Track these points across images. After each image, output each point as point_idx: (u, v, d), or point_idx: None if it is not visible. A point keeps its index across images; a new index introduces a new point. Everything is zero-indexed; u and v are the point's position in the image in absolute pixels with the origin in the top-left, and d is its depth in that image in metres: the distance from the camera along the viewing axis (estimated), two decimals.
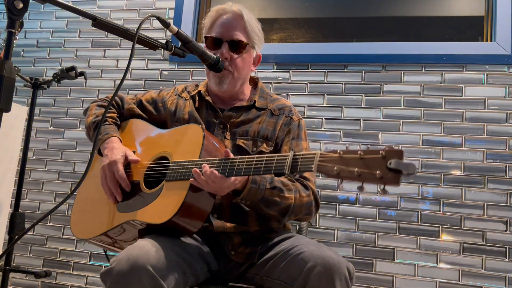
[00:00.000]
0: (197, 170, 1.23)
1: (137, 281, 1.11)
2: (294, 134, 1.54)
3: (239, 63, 1.52)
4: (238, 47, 1.51)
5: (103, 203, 1.45)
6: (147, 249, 1.17)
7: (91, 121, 1.58)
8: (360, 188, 0.99)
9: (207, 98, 1.58)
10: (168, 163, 1.35)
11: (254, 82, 1.70)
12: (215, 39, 1.52)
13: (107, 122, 1.54)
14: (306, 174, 1.47)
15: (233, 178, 1.24)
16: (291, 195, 1.39)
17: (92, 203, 1.50)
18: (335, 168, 1.02)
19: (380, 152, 0.97)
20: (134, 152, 1.49)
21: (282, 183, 1.39)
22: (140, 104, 1.65)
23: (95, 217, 1.46)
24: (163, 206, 1.28)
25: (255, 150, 1.48)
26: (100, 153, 1.51)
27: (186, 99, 1.62)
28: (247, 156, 1.23)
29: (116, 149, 1.44)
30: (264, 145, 1.50)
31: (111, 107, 1.63)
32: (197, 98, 1.60)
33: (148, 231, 1.32)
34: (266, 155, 1.20)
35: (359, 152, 1.00)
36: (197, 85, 1.69)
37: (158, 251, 1.18)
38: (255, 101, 1.57)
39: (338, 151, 1.04)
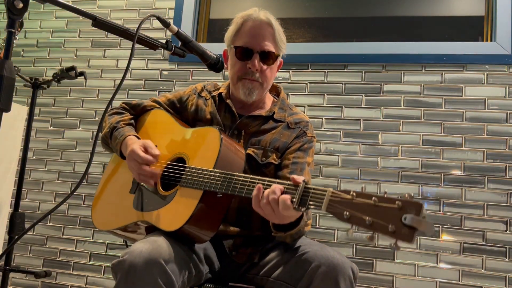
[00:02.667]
0: (261, 187, 1.14)
1: (150, 275, 1.11)
2: (303, 147, 1.50)
3: (268, 74, 1.49)
4: (269, 58, 1.47)
5: (121, 197, 1.47)
6: (159, 243, 1.17)
7: (107, 132, 1.53)
8: (371, 238, 0.93)
9: (228, 101, 1.55)
10: (185, 166, 1.34)
11: (276, 91, 1.67)
12: (245, 50, 1.46)
13: (119, 126, 1.51)
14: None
15: (295, 213, 1.14)
16: (310, 221, 1.37)
17: (111, 195, 1.53)
18: (345, 212, 0.95)
19: (397, 202, 0.90)
20: (155, 147, 1.48)
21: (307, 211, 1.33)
22: (158, 104, 1.63)
23: (112, 210, 1.49)
24: (174, 214, 1.27)
25: (264, 160, 1.46)
26: (123, 157, 1.49)
27: (206, 99, 1.59)
28: (258, 177, 1.20)
29: (133, 143, 1.41)
30: (274, 155, 1.47)
31: (124, 111, 1.61)
32: (217, 99, 1.57)
33: (156, 230, 1.32)
34: (278, 180, 1.15)
35: (373, 198, 0.93)
36: (216, 85, 1.66)
37: (169, 247, 1.18)
38: (274, 113, 1.54)
39: (351, 192, 0.97)
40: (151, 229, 1.34)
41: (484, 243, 2.17)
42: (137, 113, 1.63)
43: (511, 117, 2.25)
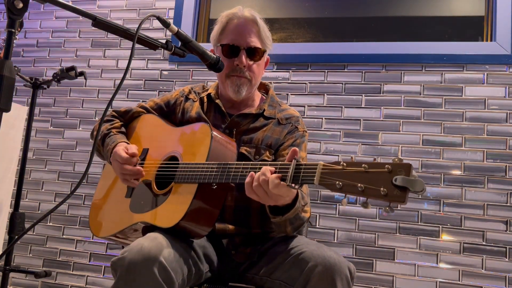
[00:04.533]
0: (253, 174, 1.15)
1: (149, 272, 1.10)
2: (295, 142, 1.50)
3: (255, 70, 1.51)
4: (256, 54, 1.50)
5: (117, 202, 1.48)
6: (159, 241, 1.17)
7: (99, 140, 1.55)
8: (365, 204, 0.93)
9: (217, 101, 1.56)
10: (178, 163, 1.35)
11: (265, 88, 1.68)
12: (231, 47, 1.48)
13: (111, 133, 1.53)
14: None
15: (288, 192, 1.14)
16: (308, 208, 1.37)
17: (107, 202, 1.54)
18: (337, 182, 0.96)
19: (386, 166, 0.90)
20: (147, 150, 1.49)
21: (303, 195, 1.34)
22: (146, 110, 1.64)
23: (110, 217, 1.49)
24: (171, 210, 1.28)
25: (257, 158, 1.46)
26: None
27: (194, 101, 1.60)
28: (250, 162, 1.21)
29: (118, 146, 1.44)
30: (267, 153, 1.48)
31: (113, 118, 1.62)
32: (205, 100, 1.58)
33: (155, 230, 1.32)
34: (269, 162, 1.16)
35: (363, 165, 0.94)
36: (204, 87, 1.67)
37: (169, 244, 1.18)
38: (264, 110, 1.55)
39: (342, 163, 0.97)
40: (149, 230, 1.34)
41: (484, 243, 2.17)
42: (126, 120, 1.64)
43: (511, 117, 2.25)
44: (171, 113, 1.61)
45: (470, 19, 2.54)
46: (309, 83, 2.50)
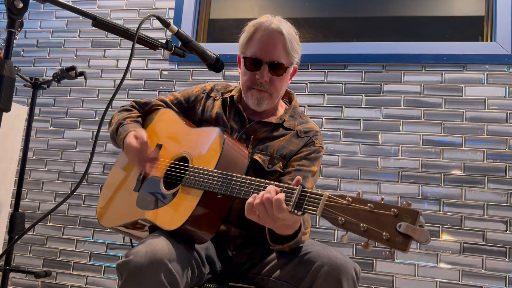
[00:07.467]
0: (256, 196, 1.13)
1: (155, 275, 1.10)
2: (309, 156, 1.48)
3: (277, 84, 1.46)
4: (279, 69, 1.44)
5: (125, 194, 1.48)
6: (164, 243, 1.17)
7: (114, 128, 1.56)
8: (366, 246, 0.90)
9: (239, 105, 1.54)
10: (188, 166, 1.35)
11: (288, 97, 1.66)
12: (254, 60, 1.44)
13: (125, 123, 1.53)
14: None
15: (290, 216, 1.10)
16: (308, 230, 1.36)
17: (116, 193, 1.54)
18: (340, 218, 0.93)
19: (392, 209, 0.88)
20: (161, 146, 1.50)
21: (304, 220, 1.32)
22: (166, 104, 1.63)
23: (116, 208, 1.50)
24: (174, 213, 1.28)
25: (270, 167, 1.45)
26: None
27: (215, 99, 1.59)
28: (257, 179, 1.20)
29: (128, 136, 1.45)
30: (280, 163, 1.46)
31: (132, 108, 1.63)
32: (228, 101, 1.57)
33: (158, 229, 1.33)
34: (275, 182, 1.15)
35: (369, 204, 0.91)
36: (227, 87, 1.64)
37: (174, 247, 1.18)
38: (284, 120, 1.53)
39: (347, 198, 0.95)
40: (154, 228, 1.34)
41: (484, 243, 2.17)
42: (145, 112, 1.64)
43: (511, 117, 2.25)
44: (190, 109, 1.60)
45: (470, 19, 2.54)
46: (309, 83, 2.50)
